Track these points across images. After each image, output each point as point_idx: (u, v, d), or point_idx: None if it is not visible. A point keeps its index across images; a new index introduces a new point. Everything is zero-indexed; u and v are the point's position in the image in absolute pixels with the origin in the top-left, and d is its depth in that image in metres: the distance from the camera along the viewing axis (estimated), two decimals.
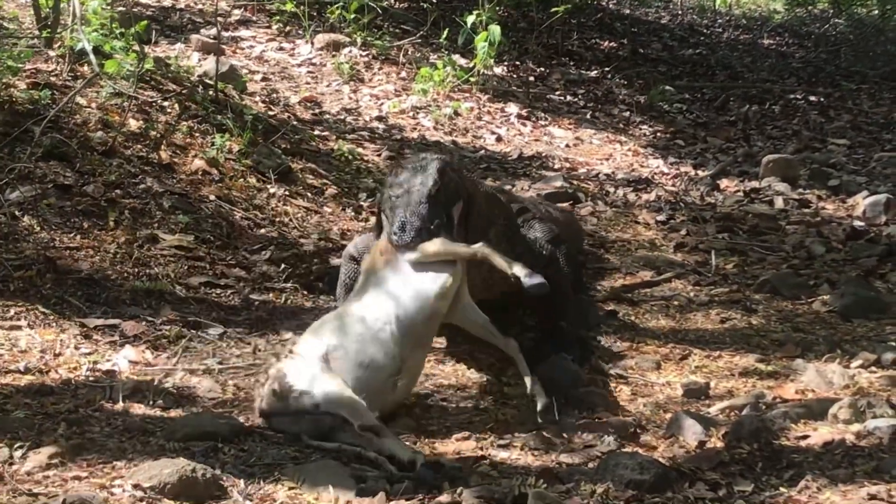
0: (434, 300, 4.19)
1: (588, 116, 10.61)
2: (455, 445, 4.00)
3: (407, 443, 3.92)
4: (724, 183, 8.66)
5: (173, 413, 4.13)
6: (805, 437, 3.93)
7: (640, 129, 10.45)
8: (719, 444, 3.90)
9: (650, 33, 14.91)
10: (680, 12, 16.58)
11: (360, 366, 4.05)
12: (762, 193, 8.29)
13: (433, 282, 4.20)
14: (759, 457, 3.72)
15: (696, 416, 4.18)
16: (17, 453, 3.60)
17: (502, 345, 4.38)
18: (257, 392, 4.11)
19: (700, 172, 9.01)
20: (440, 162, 4.52)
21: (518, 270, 4.22)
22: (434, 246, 4.23)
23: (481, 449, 4.00)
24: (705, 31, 15.70)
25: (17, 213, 5.55)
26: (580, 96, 11.29)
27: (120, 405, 4.13)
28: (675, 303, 5.91)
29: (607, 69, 12.36)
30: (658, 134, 10.32)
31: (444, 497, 3.42)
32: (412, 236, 4.23)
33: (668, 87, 11.68)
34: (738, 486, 3.51)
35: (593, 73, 12.22)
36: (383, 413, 4.05)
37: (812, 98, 11.91)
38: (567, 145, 9.56)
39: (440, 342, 5.08)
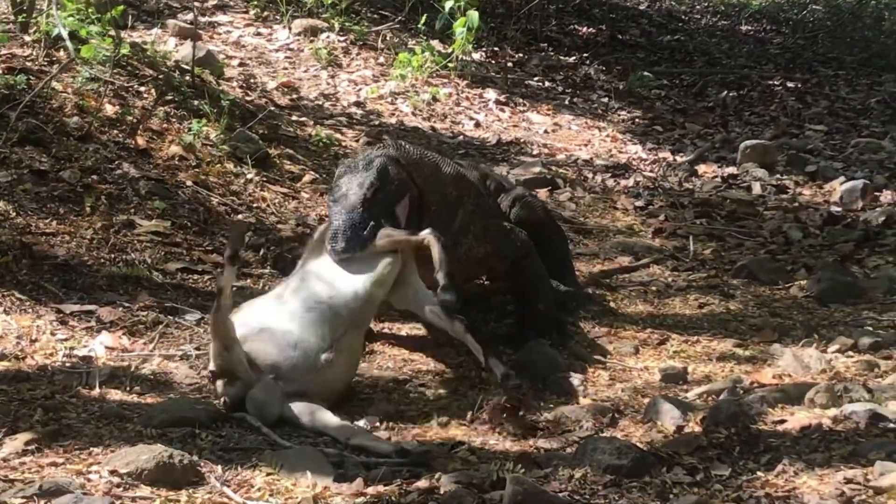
0: (370, 286, 4.23)
1: (566, 102, 10.60)
2: (434, 431, 4.00)
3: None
4: (702, 169, 8.67)
5: (150, 399, 4.12)
6: (782, 421, 3.94)
7: (619, 114, 10.45)
8: (697, 429, 3.91)
9: (628, 19, 14.90)
10: None
11: (288, 346, 4.06)
12: (740, 179, 8.31)
13: (369, 268, 4.24)
14: (736, 441, 3.73)
15: (674, 400, 4.19)
16: None
17: (448, 327, 4.36)
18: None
19: (678, 158, 9.02)
20: (382, 161, 4.50)
21: (440, 277, 4.25)
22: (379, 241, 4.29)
23: (460, 434, 4.00)
24: (683, 17, 15.70)
25: None
26: (558, 82, 11.29)
27: (96, 391, 4.12)
28: (653, 288, 5.93)
29: (586, 55, 12.35)
30: (636, 120, 10.32)
31: (422, 482, 3.41)
32: (343, 247, 4.27)
33: (646, 73, 11.67)
34: (716, 470, 3.52)
35: (572, 59, 12.21)
36: (318, 394, 4.07)
37: (790, 84, 11.93)
38: (545, 131, 9.55)
39: (418, 328, 5.09)
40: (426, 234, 4.34)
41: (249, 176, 6.71)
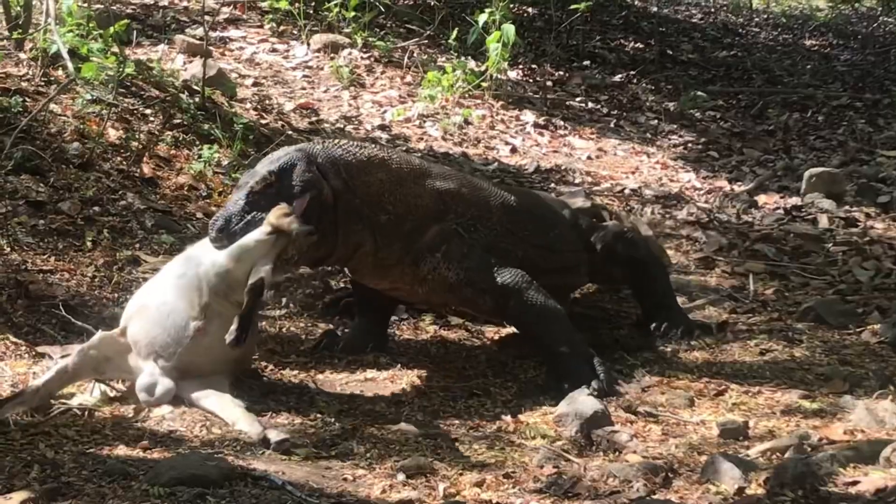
0: (227, 259, 4.62)
1: (612, 125, 10.64)
2: (468, 491, 4.00)
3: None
4: (762, 199, 8.67)
5: (157, 454, 4.13)
6: (855, 482, 3.92)
7: (670, 139, 10.48)
8: (760, 491, 3.89)
9: (680, 33, 14.95)
10: (713, 10, 16.64)
11: (162, 316, 4.57)
12: (804, 211, 8.30)
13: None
14: None
15: (734, 458, 4.17)
16: None
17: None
18: None
19: (736, 187, 9.03)
20: (290, 157, 4.83)
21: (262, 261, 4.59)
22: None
23: (496, 496, 4.00)
24: (741, 30, 15.75)
25: None
26: (603, 103, 11.33)
27: (99, 445, 4.14)
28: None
29: (633, 73, 12.40)
30: (689, 145, 10.34)
31: None
32: (213, 236, 4.68)
33: (699, 93, 11.72)
34: None
35: (617, 78, 12.26)
36: (200, 366, 4.56)
37: (859, 105, 11.92)
38: (589, 157, 9.58)
39: (451, 377, 5.11)
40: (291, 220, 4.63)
41: None
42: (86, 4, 7.95)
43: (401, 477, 4.06)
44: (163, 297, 4.61)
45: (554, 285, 5.52)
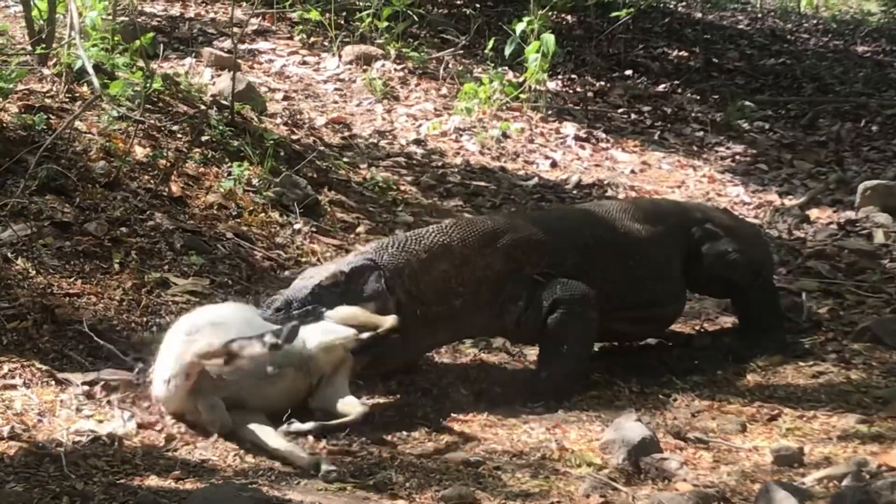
0: (317, 347, 4.85)
1: (656, 137, 10.64)
2: None
3: None
4: (814, 213, 8.65)
5: (189, 484, 4.15)
6: None
7: (717, 151, 10.47)
8: None
9: (726, 40, 14.94)
10: (760, 16, 16.62)
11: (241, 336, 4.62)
12: (859, 226, 8.27)
13: (326, 333, 4.89)
14: None
15: (790, 486, 4.15)
16: None
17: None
18: None
19: (787, 201, 9.01)
20: (359, 263, 5.14)
21: (364, 335, 4.87)
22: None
23: None
24: (789, 37, 15.72)
25: (9, 254, 5.62)
26: (646, 114, 11.33)
27: (129, 476, 4.17)
28: (762, 354, 5.90)
29: (677, 82, 12.40)
30: (737, 157, 10.33)
31: None
32: (270, 313, 4.94)
33: (747, 103, 11.70)
34: None
35: (661, 87, 12.27)
36: (254, 402, 4.67)
37: None
38: (632, 171, 9.59)
39: (493, 402, 5.12)
40: (388, 319, 4.94)
41: (297, 226, 6.80)
42: (110, 17, 8.03)
43: None
44: (244, 328, 4.65)
45: (638, 320, 5.69)
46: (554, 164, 9.43)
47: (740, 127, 11.19)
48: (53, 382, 4.82)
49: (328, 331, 4.88)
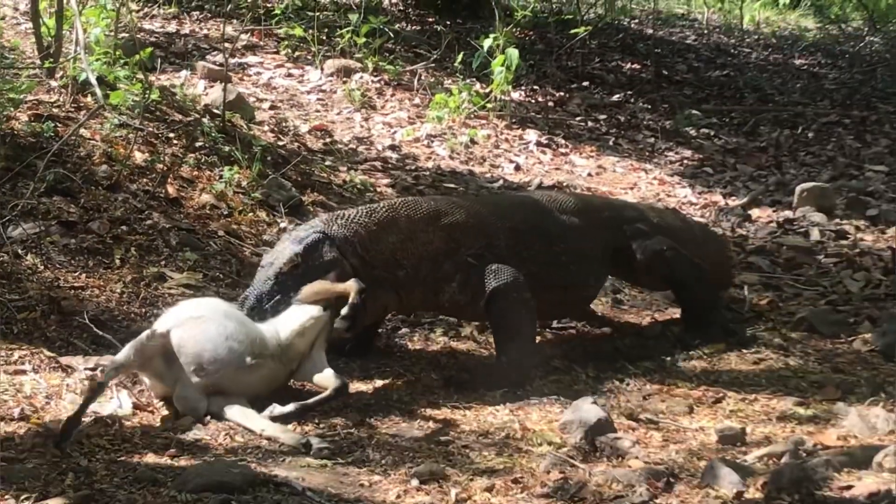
0: (290, 335, 4.85)
1: (611, 143, 10.65)
2: (479, 496, 4.01)
3: None
4: (755, 213, 8.68)
5: (184, 461, 4.15)
6: (849, 487, 3.92)
7: (666, 156, 10.49)
8: (758, 495, 3.90)
9: (675, 54, 14.97)
10: (706, 31, 16.63)
11: (219, 336, 4.61)
12: (796, 224, 8.30)
13: (295, 319, 4.88)
14: None
15: (733, 464, 4.18)
16: None
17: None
18: None
19: (730, 202, 9.04)
20: (313, 237, 5.05)
21: (343, 311, 4.83)
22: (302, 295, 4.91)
23: (505, 501, 4.01)
24: (733, 51, 15.75)
25: (19, 251, 5.60)
26: (602, 122, 11.35)
27: (129, 453, 4.16)
28: (707, 342, 5.92)
29: (630, 93, 12.42)
30: (685, 161, 10.35)
31: None
32: (245, 312, 4.87)
33: (694, 112, 11.73)
34: None
35: (615, 97, 12.28)
36: (235, 391, 4.61)
37: (847, 121, 11.92)
38: (589, 174, 9.60)
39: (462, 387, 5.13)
40: (349, 284, 4.89)
41: (283, 224, 6.79)
42: (112, 34, 7.98)
43: (415, 482, 4.08)
44: (224, 320, 4.63)
45: (559, 300, 5.61)
46: (518, 168, 9.43)
47: (688, 133, 11.21)
48: (59, 368, 4.81)
49: (299, 315, 4.85)
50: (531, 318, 5.41)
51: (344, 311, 4.83)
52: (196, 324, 4.57)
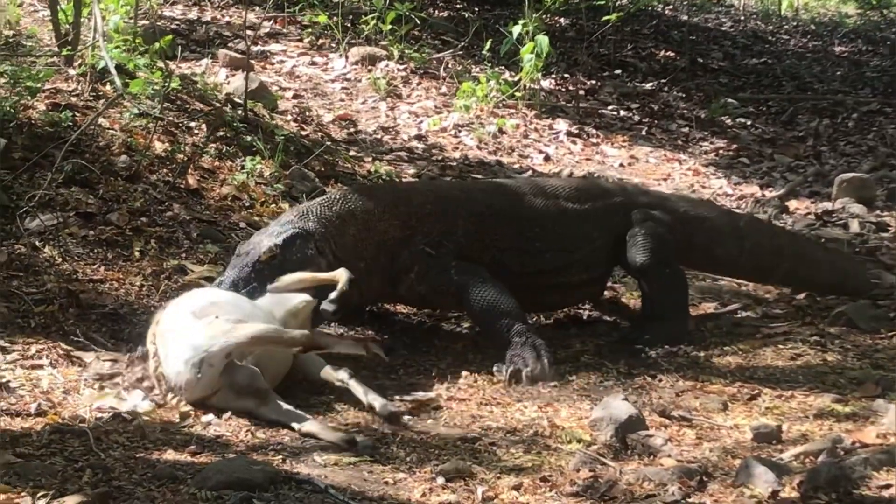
0: (284, 314, 4.89)
1: (643, 132, 10.62)
2: (506, 494, 4.01)
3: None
4: (793, 205, 8.64)
5: (204, 458, 4.16)
6: (887, 486, 3.89)
7: (701, 145, 10.45)
8: (794, 494, 3.88)
9: (710, 41, 14.90)
10: (742, 18, 16.57)
11: (243, 312, 4.70)
12: (836, 216, 8.26)
13: (288, 301, 4.94)
14: None
15: (768, 462, 4.15)
16: (41, 503, 3.64)
17: (334, 378, 4.83)
18: None
19: (767, 193, 9.00)
20: (292, 232, 5.15)
21: (331, 294, 4.93)
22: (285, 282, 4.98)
23: (533, 499, 4.00)
24: (770, 38, 15.67)
25: (37, 243, 5.64)
26: (635, 111, 11.31)
27: (148, 450, 4.18)
28: (742, 337, 5.90)
29: (664, 81, 12.37)
30: (720, 151, 10.31)
31: None
32: None
33: (730, 100, 11.68)
34: None
35: (649, 86, 12.24)
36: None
37: (888, 110, 11.83)
38: (621, 164, 9.57)
39: (489, 383, 5.12)
40: (339, 272, 4.99)
41: None
42: (132, 21, 8.01)
43: (440, 480, 4.08)
44: (241, 302, 4.77)
45: (536, 288, 5.67)
46: (547, 158, 9.42)
47: (723, 123, 11.17)
48: (77, 362, 4.83)
49: (284, 300, 4.90)
50: (503, 299, 5.37)
51: (332, 295, 4.93)
52: (224, 310, 4.59)
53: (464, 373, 5.26)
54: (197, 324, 4.54)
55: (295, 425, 4.41)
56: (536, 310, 6.07)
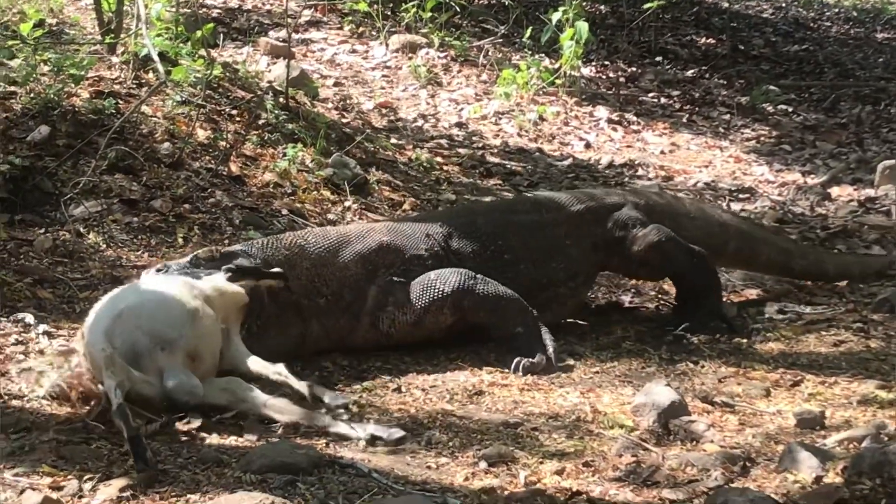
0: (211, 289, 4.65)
1: (684, 120, 10.57)
2: (549, 479, 4.01)
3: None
4: (835, 192, 8.58)
5: (248, 442, 4.18)
6: None
7: (742, 133, 10.39)
8: (838, 480, 3.85)
9: (751, 28, 14.81)
10: (784, 4, 16.45)
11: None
12: (878, 203, 8.20)
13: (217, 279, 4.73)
14: (882, 493, 3.67)
15: (812, 448, 4.13)
16: (87, 486, 3.66)
17: (270, 372, 4.58)
18: None
19: (809, 180, 8.94)
20: (232, 249, 4.97)
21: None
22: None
23: (576, 484, 4.00)
24: (812, 24, 15.56)
25: (81, 229, 5.69)
26: (675, 98, 11.26)
27: (193, 434, 4.20)
28: (785, 324, 5.87)
29: (705, 68, 12.31)
30: (762, 138, 10.25)
31: None
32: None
33: (771, 87, 11.61)
34: None
35: (689, 73, 12.18)
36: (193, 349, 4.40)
37: None
38: (662, 151, 9.53)
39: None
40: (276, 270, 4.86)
41: (347, 203, 6.82)
42: (174, 9, 8.05)
43: (483, 465, 4.08)
44: (147, 292, 4.50)
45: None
46: (588, 146, 9.40)
47: (765, 110, 11.10)
48: None
49: (219, 276, 4.71)
50: (504, 293, 5.30)
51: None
52: (130, 309, 4.33)
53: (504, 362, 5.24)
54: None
55: (319, 425, 4.26)
56: None
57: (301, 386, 4.51)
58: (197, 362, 4.36)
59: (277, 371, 4.58)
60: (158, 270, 4.75)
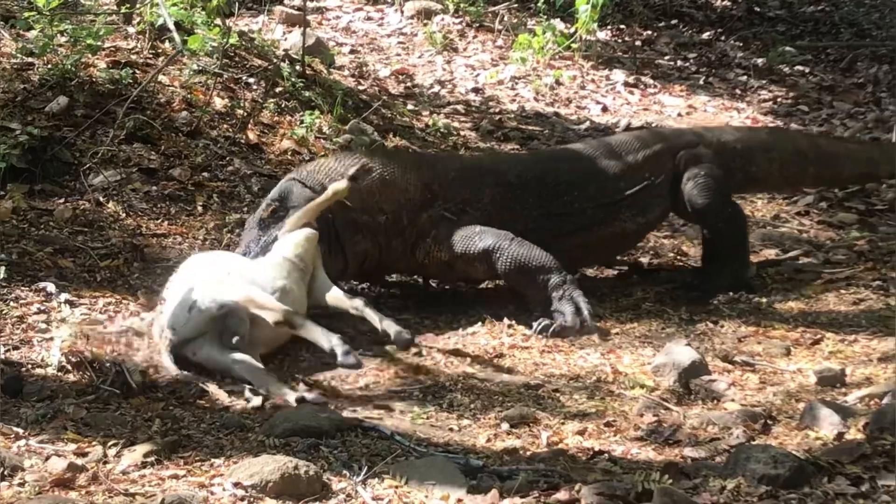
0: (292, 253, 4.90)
1: (701, 82, 10.50)
2: (571, 439, 4.00)
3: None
4: None
5: (271, 407, 4.19)
6: None
7: (759, 94, 10.31)
8: (859, 436, 3.84)
9: None
10: None
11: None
12: None
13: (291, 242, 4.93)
14: None
15: (833, 405, 4.12)
16: (112, 452, 3.69)
17: (349, 306, 4.87)
18: None
19: None
20: (285, 184, 5.18)
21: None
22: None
23: (598, 443, 3.99)
24: None
25: (101, 198, 5.69)
26: (692, 60, 11.17)
27: (216, 400, 4.21)
28: (804, 283, 5.83)
29: (721, 30, 12.20)
30: (779, 99, 10.17)
31: (562, 494, 3.42)
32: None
33: (788, 48, 11.50)
34: (882, 479, 3.45)
35: (705, 35, 12.08)
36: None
37: None
38: (679, 114, 9.47)
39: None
40: (332, 186, 4.99)
41: None
42: None
43: (505, 426, 4.09)
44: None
45: (582, 244, 5.61)
46: (605, 109, 9.35)
47: (781, 71, 11.01)
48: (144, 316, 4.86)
49: (291, 240, 4.87)
50: (536, 255, 5.29)
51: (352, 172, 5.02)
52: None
53: (524, 324, 5.22)
54: (202, 278, 4.57)
55: (261, 390, 4.29)
56: (585, 264, 6.00)
57: (375, 320, 4.77)
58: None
59: (355, 305, 4.84)
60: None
